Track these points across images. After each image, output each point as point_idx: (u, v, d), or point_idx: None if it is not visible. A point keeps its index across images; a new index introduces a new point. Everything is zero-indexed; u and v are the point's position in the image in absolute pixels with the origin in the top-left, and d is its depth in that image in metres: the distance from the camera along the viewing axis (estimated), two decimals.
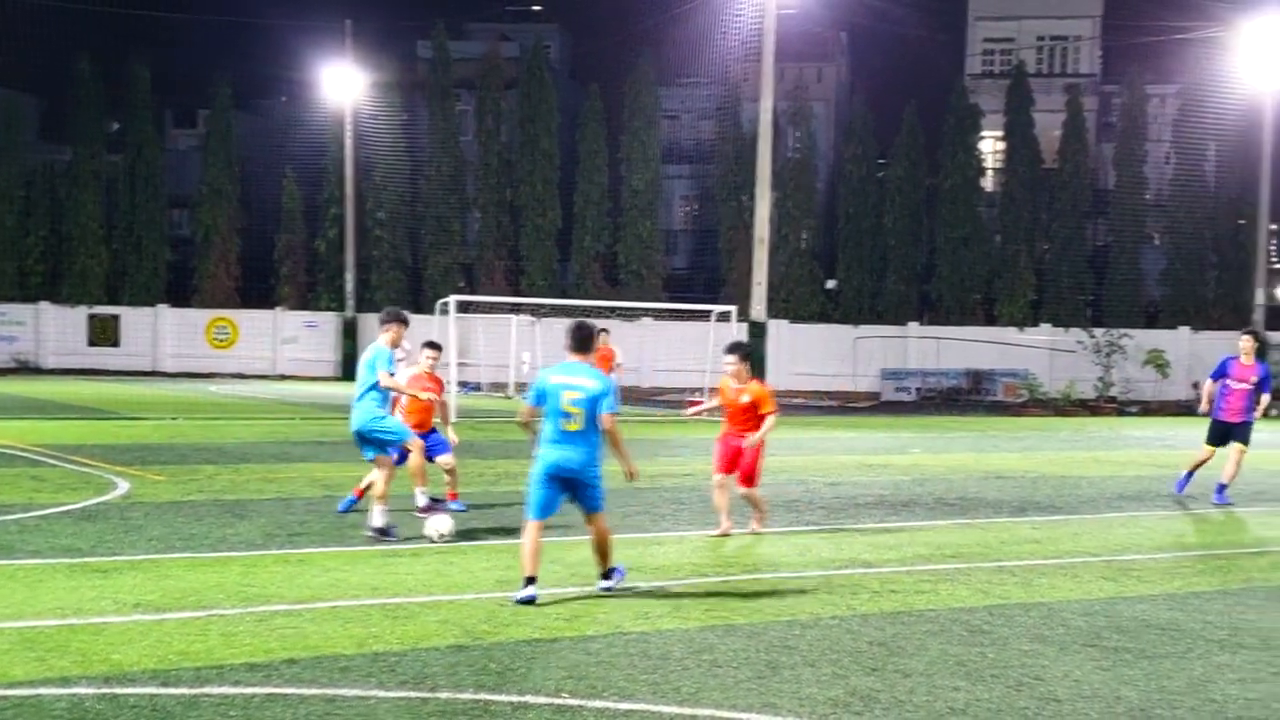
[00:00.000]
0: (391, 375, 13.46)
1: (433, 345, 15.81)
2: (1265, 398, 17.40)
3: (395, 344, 13.70)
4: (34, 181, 54.97)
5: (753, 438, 13.39)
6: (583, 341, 10.47)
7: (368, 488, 13.91)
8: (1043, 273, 51.47)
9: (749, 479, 13.59)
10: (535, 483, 10.32)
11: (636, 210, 53.67)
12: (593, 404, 10.12)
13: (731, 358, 13.66)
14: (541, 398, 10.25)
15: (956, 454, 24.79)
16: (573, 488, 10.27)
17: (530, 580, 10.03)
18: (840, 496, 17.18)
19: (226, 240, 55.28)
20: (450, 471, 14.98)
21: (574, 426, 10.10)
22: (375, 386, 13.28)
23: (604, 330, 16.98)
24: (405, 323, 13.97)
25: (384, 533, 12.74)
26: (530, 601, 9.88)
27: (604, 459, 10.31)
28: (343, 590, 10.25)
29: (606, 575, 10.51)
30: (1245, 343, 17.88)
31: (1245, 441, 17.50)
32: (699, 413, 14.98)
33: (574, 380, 10.20)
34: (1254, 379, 17.44)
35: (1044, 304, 50.71)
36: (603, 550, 10.48)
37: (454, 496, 15.14)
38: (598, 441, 10.25)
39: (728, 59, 52.41)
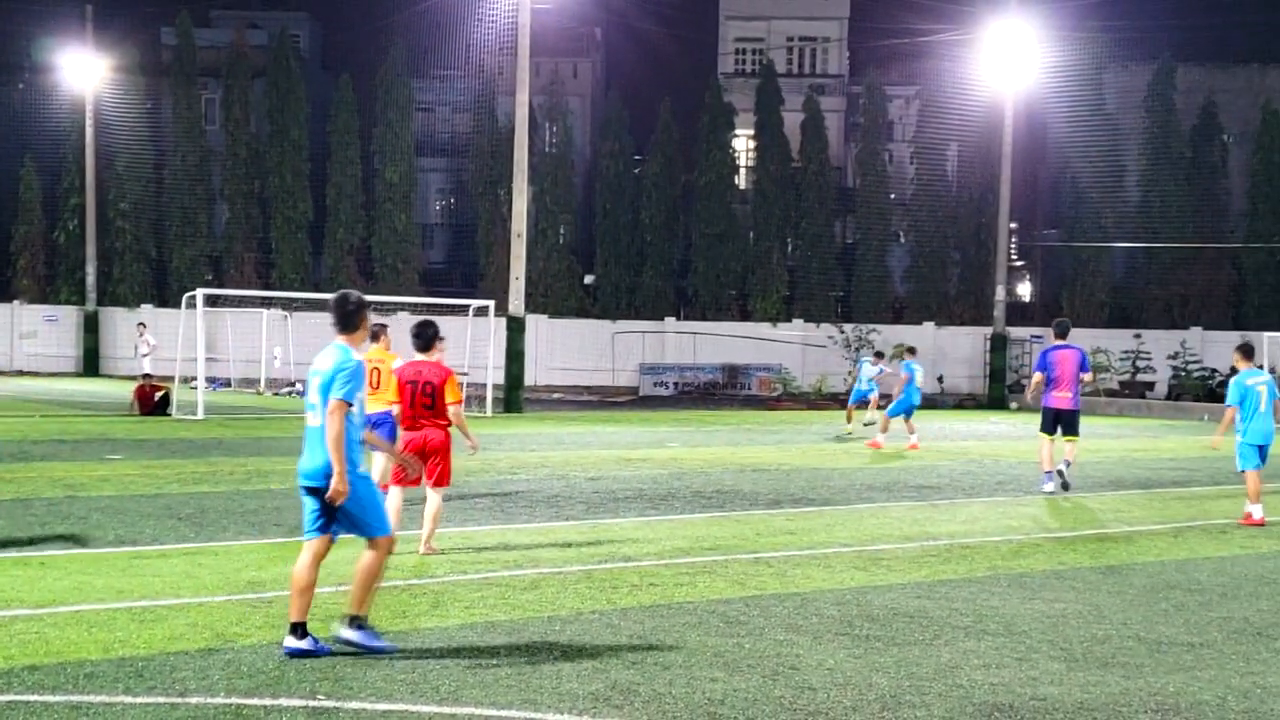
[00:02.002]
0: None
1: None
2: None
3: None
4: None
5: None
6: (342, 320, 8.96)
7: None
8: (795, 269, 52.86)
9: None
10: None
11: (391, 203, 53.12)
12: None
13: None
14: None
15: (713, 448, 25.24)
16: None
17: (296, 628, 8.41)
18: (600, 491, 17.30)
19: None
20: None
21: (316, 421, 8.67)
22: None
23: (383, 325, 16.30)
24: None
25: None
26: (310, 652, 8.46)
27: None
28: (87, 594, 9.88)
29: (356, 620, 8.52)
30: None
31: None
32: None
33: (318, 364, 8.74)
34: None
35: (796, 300, 52.07)
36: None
37: None
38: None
39: (483, 52, 52.37)
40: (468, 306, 36.94)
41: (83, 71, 50.05)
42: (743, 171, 55.57)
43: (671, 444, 26.03)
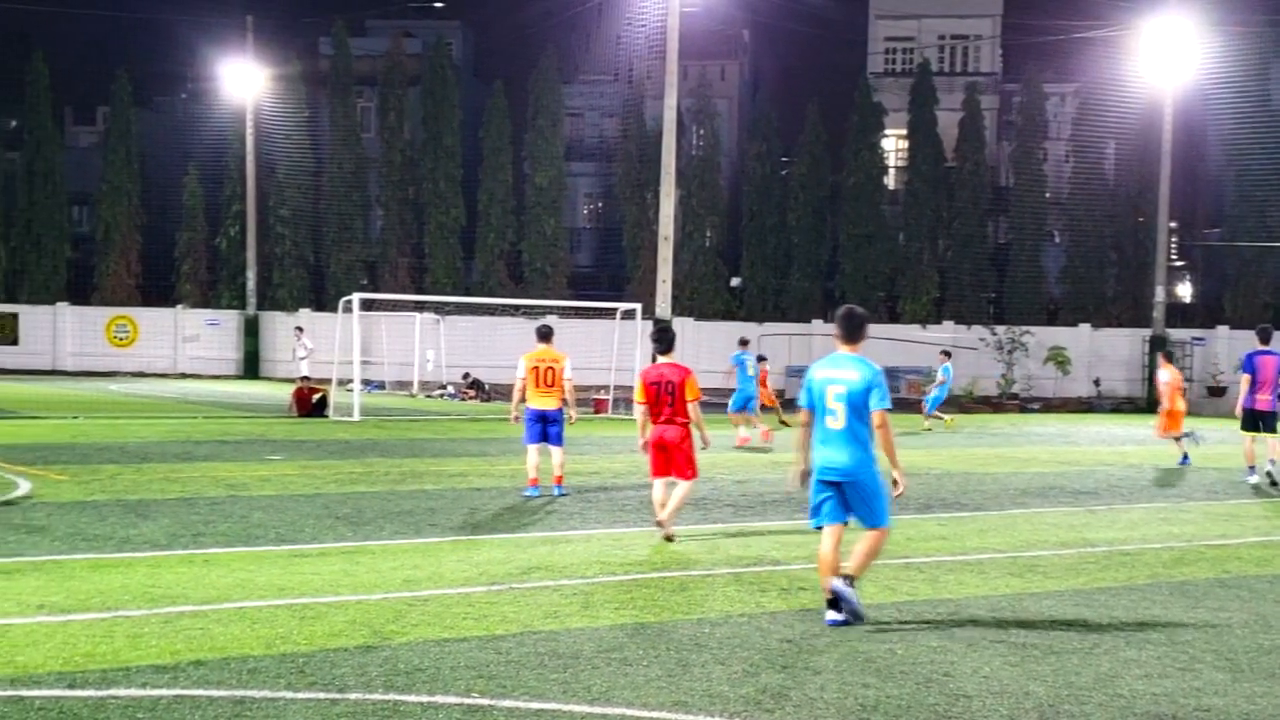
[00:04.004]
0: None
1: None
2: None
3: None
4: None
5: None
6: (852, 331, 9.89)
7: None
8: (945, 270, 52.14)
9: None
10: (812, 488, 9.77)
11: (541, 208, 53.63)
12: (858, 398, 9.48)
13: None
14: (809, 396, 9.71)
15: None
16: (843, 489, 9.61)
17: (832, 603, 9.48)
18: (747, 494, 17.28)
19: (127, 238, 54.50)
20: None
21: (838, 424, 9.53)
22: None
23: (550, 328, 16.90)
24: None
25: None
26: (837, 609, 9.41)
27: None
28: (249, 591, 10.14)
29: (847, 578, 9.50)
30: None
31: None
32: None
33: (837, 374, 9.68)
34: None
35: (946, 301, 51.36)
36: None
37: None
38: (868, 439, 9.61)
39: (632, 57, 52.64)
40: (615, 309, 37.14)
41: (244, 81, 51.42)
42: (891, 172, 55.00)
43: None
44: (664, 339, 13.56)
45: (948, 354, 34.28)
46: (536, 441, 16.42)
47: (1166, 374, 24.17)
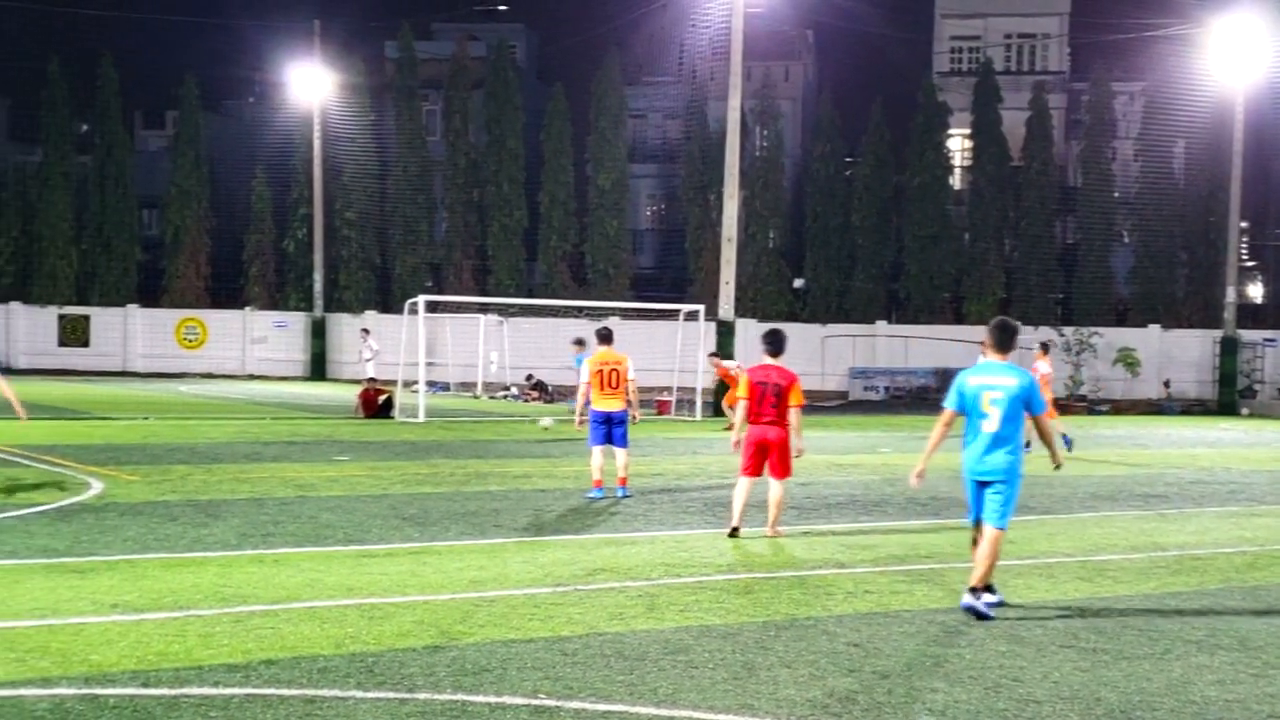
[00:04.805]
0: None
1: None
2: None
3: None
4: (4, 182, 54.93)
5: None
6: (1005, 341, 10.36)
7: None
8: (1011, 271, 51.74)
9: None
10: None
11: (603, 209, 53.73)
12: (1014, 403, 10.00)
13: None
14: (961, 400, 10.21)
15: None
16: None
17: (989, 589, 10.05)
18: (812, 496, 17.22)
19: (196, 240, 55.14)
20: None
21: (993, 427, 10.03)
22: None
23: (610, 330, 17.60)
24: None
25: None
26: (982, 611, 9.78)
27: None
28: (319, 590, 10.24)
29: (976, 591, 9.96)
30: None
31: None
32: None
33: (995, 380, 10.14)
34: None
35: (1013, 302, 50.92)
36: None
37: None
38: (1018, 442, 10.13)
39: (695, 58, 52.60)
40: (678, 311, 37.14)
41: (311, 86, 51.87)
42: (957, 172, 54.65)
43: (883, 449, 25.75)
44: (775, 342, 13.93)
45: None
46: (601, 443, 16.46)
47: (1045, 366, 25.45)
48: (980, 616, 9.74)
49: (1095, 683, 8.07)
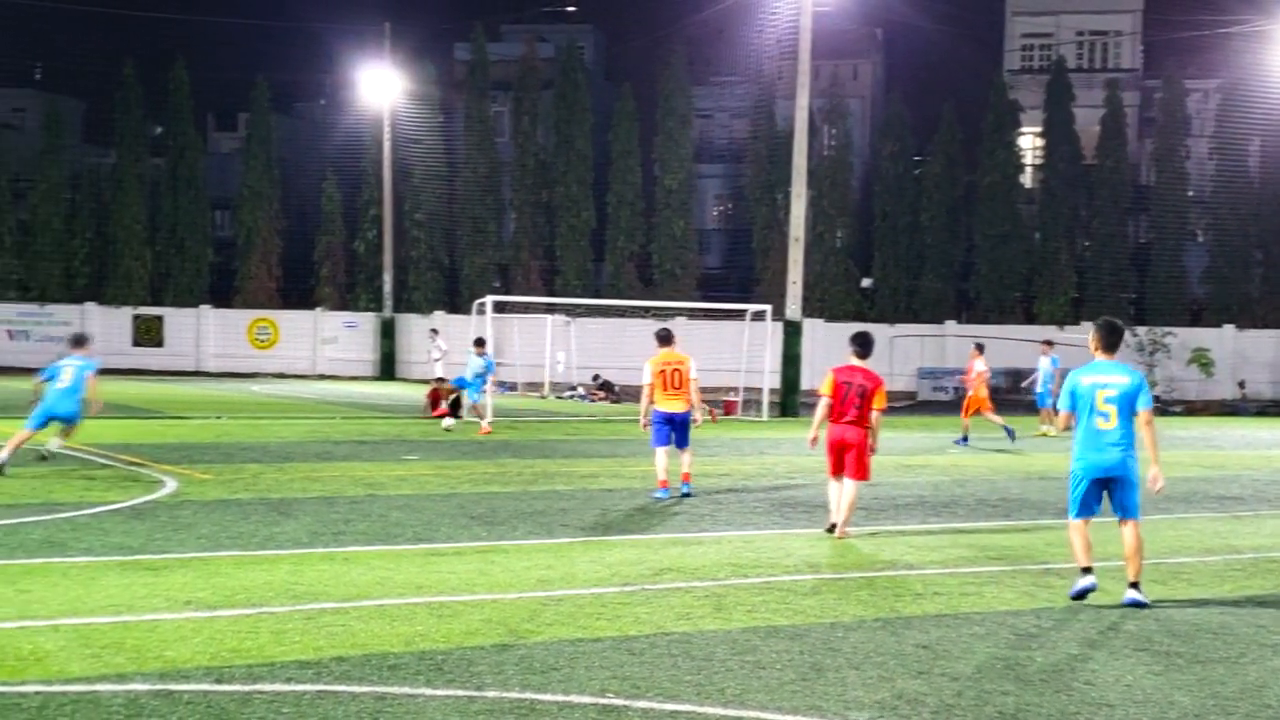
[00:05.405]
0: None
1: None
2: None
3: None
4: (79, 184, 55.73)
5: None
6: (1114, 340, 10.68)
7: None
8: (1083, 270, 51.21)
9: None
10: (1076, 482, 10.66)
11: (670, 210, 53.73)
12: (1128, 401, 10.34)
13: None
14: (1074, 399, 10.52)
15: (996, 454, 24.69)
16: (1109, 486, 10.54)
17: (1087, 570, 10.41)
18: (880, 497, 17.12)
19: (267, 241, 55.77)
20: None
21: (1109, 425, 10.33)
22: None
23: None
24: None
25: None
26: (1086, 593, 10.38)
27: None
28: (388, 588, 10.31)
29: (1136, 585, 10.45)
30: None
31: None
32: None
33: (1107, 379, 10.44)
34: None
35: (1085, 301, 50.40)
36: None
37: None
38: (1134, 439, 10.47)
39: (762, 57, 52.42)
40: (744, 311, 37.07)
41: (381, 88, 52.27)
42: (1028, 170, 54.16)
43: (952, 450, 25.58)
44: (864, 344, 14.05)
45: (1050, 343, 32.72)
46: (665, 444, 16.45)
47: (980, 364, 27.89)
48: (1142, 606, 10.18)
49: (1169, 686, 7.97)
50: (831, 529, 13.63)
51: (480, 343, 27.81)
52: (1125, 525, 10.51)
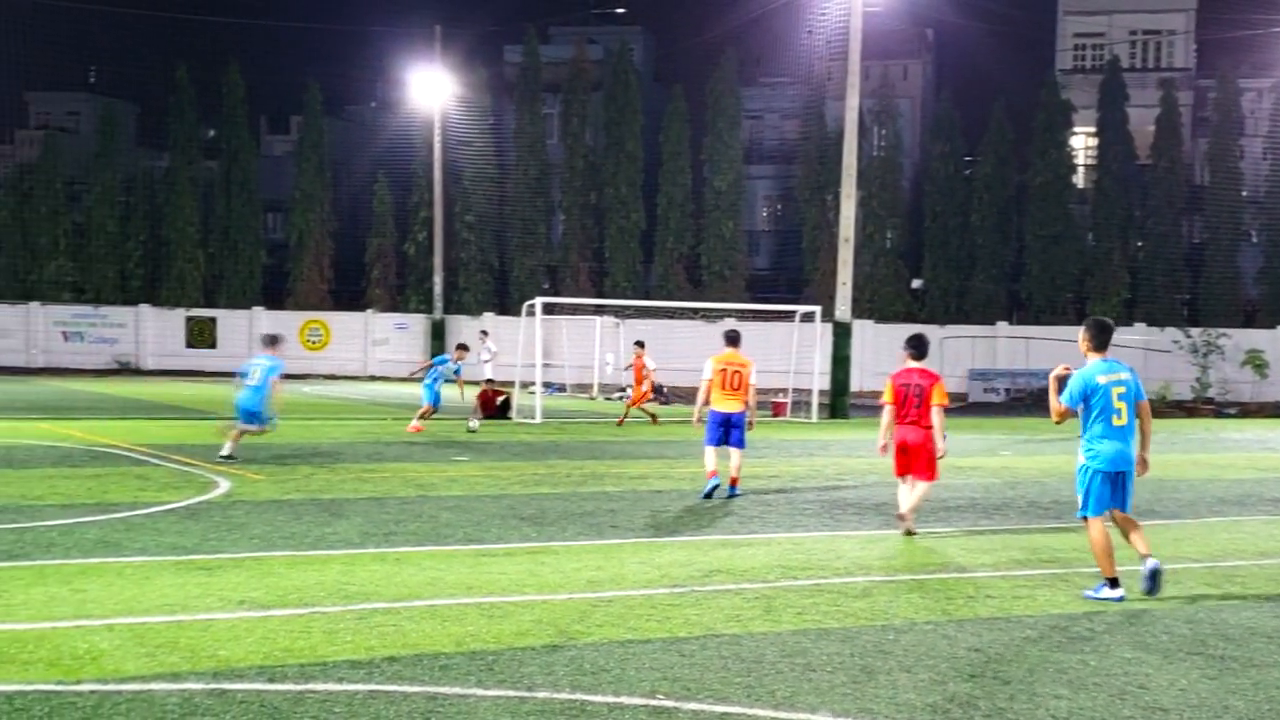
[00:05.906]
0: None
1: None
2: None
3: None
4: (133, 187, 56.29)
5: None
6: (1108, 338, 11.11)
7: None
8: (1136, 271, 50.76)
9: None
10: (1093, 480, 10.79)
11: (719, 211, 53.70)
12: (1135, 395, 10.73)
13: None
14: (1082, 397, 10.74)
15: (1048, 456, 24.51)
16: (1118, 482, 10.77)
17: (1115, 582, 10.60)
18: (931, 500, 16.98)
19: (319, 244, 56.17)
20: None
21: (1123, 421, 10.62)
22: None
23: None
24: None
25: None
26: (1159, 569, 10.61)
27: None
28: (439, 589, 10.36)
29: (1146, 558, 10.72)
30: None
31: None
32: None
33: (1117, 376, 10.77)
34: None
35: (1138, 303, 49.97)
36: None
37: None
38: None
39: (812, 58, 52.26)
40: (794, 312, 36.98)
41: (431, 90, 52.50)
42: (1080, 170, 53.75)
43: (1004, 452, 25.43)
44: (919, 346, 14.36)
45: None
46: (717, 444, 16.48)
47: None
48: (1159, 573, 10.57)
49: (1223, 690, 7.89)
50: (901, 518, 13.86)
51: (463, 348, 28.54)
52: (1118, 515, 10.79)
